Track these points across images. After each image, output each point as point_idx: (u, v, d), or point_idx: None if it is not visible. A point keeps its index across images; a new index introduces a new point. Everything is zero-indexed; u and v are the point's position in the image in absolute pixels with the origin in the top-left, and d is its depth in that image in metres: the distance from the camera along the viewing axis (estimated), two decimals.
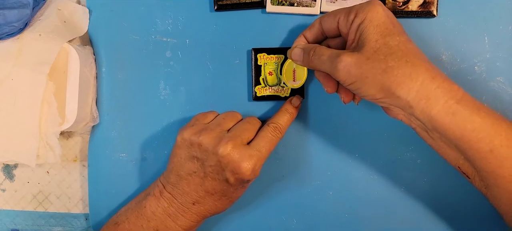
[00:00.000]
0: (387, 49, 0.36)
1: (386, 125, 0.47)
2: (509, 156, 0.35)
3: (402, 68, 0.35)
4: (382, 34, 0.36)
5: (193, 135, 0.43)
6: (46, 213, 0.54)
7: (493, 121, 0.35)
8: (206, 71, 0.49)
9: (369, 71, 0.36)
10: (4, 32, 0.45)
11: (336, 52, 0.38)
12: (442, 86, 0.35)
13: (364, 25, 0.37)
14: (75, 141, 0.53)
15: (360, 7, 0.38)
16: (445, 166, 0.43)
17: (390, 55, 0.35)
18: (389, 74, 0.35)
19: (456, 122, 0.35)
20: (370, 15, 0.37)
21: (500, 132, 0.35)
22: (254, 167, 0.41)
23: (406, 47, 0.36)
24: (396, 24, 0.38)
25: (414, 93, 0.35)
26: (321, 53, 0.40)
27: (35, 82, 0.45)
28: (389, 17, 0.37)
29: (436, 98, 0.35)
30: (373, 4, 0.38)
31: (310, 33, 0.43)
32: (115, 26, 0.50)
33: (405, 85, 0.35)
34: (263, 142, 0.43)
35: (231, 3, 0.48)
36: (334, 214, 0.49)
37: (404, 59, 0.35)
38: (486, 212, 0.46)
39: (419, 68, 0.35)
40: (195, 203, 0.44)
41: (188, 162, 0.44)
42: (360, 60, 0.36)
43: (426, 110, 0.35)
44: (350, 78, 0.37)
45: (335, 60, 0.38)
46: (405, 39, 0.37)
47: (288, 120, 0.45)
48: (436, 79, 0.35)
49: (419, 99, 0.35)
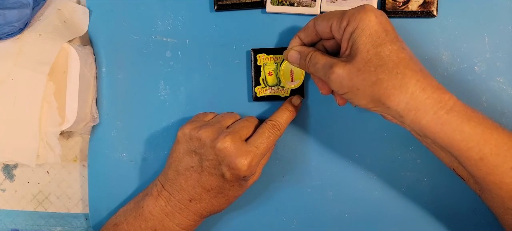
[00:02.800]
0: (378, 60, 0.36)
1: (386, 125, 0.47)
2: (498, 163, 0.36)
3: (392, 80, 0.35)
4: (374, 44, 0.36)
5: (192, 129, 0.44)
6: (46, 213, 0.54)
7: (483, 129, 0.35)
8: (206, 71, 0.49)
9: (360, 83, 0.36)
10: (4, 32, 0.45)
11: (329, 62, 0.39)
12: (432, 97, 0.35)
13: (356, 34, 0.37)
14: (75, 141, 0.53)
15: (352, 14, 0.38)
16: (445, 166, 0.43)
17: (381, 67, 0.36)
18: (379, 86, 0.36)
19: (446, 131, 0.35)
20: (362, 24, 0.37)
21: (490, 141, 0.35)
22: (251, 163, 0.42)
23: (397, 57, 0.36)
24: (389, 31, 0.37)
25: (403, 105, 0.35)
26: (315, 61, 0.40)
27: (35, 82, 0.45)
28: (381, 25, 0.37)
29: (425, 109, 0.35)
30: (366, 11, 0.37)
31: (305, 35, 0.43)
32: (115, 26, 0.50)
33: (395, 97, 0.35)
34: (261, 139, 0.43)
35: (231, 3, 0.48)
36: (334, 214, 0.49)
37: (395, 70, 0.36)
38: (486, 212, 0.46)
39: (409, 79, 0.35)
40: (191, 200, 0.44)
41: (186, 156, 0.44)
42: (351, 73, 0.37)
43: (416, 120, 0.36)
44: (342, 89, 0.38)
45: (328, 71, 0.38)
46: (397, 47, 0.36)
47: (287, 118, 0.45)
48: (426, 90, 0.35)
49: (409, 110, 0.36)
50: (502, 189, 0.37)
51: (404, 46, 0.37)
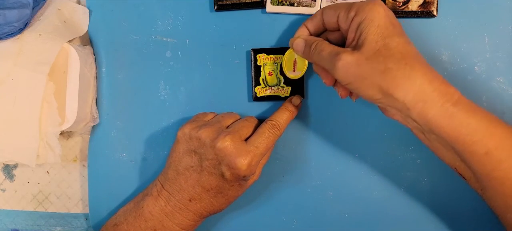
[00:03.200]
0: (387, 51, 0.36)
1: (386, 124, 0.47)
2: (503, 158, 0.36)
3: (401, 70, 0.35)
4: (382, 35, 0.36)
5: (192, 129, 0.44)
6: (46, 213, 0.54)
7: (488, 123, 0.36)
8: (206, 71, 0.49)
9: (367, 72, 0.36)
10: (4, 32, 0.45)
11: (336, 50, 0.38)
12: (439, 89, 0.35)
13: (364, 24, 0.37)
14: (75, 141, 0.53)
15: (360, 5, 0.38)
16: (445, 166, 0.43)
17: (389, 57, 0.36)
18: (387, 76, 0.35)
19: (452, 124, 0.35)
20: (371, 14, 0.37)
21: (495, 135, 0.35)
22: (250, 163, 0.42)
23: (405, 49, 0.36)
24: (396, 25, 0.38)
25: (411, 96, 0.35)
26: (321, 48, 0.40)
27: (35, 82, 0.45)
28: (389, 18, 0.37)
29: (433, 101, 0.35)
30: (374, 3, 0.38)
31: (312, 24, 0.43)
32: (115, 26, 0.50)
33: (403, 87, 0.35)
34: (261, 139, 0.43)
35: (231, 3, 0.48)
36: (334, 214, 0.49)
37: (403, 61, 0.35)
38: (486, 212, 0.46)
39: (417, 71, 0.35)
40: (191, 200, 0.44)
41: (186, 156, 0.44)
42: (360, 60, 0.36)
43: (423, 113, 0.35)
44: (348, 78, 0.37)
45: (334, 58, 0.38)
46: (404, 40, 0.37)
47: (287, 118, 0.45)
48: (433, 82, 0.35)
49: (416, 102, 0.35)
50: (505, 185, 0.36)
51: (410, 41, 0.38)
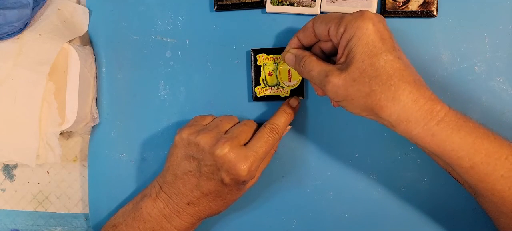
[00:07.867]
0: (373, 71, 0.36)
1: None
2: (489, 172, 0.36)
3: (385, 92, 0.36)
4: (369, 54, 0.37)
5: (190, 134, 0.43)
6: (46, 213, 0.54)
7: (474, 139, 0.36)
8: (206, 71, 0.49)
9: (354, 93, 0.37)
10: (4, 32, 0.45)
11: (325, 70, 0.39)
12: (424, 108, 0.36)
13: (352, 43, 0.37)
14: (75, 141, 0.53)
15: (349, 21, 0.38)
16: None
17: (375, 79, 0.36)
18: (372, 98, 0.37)
19: (435, 142, 0.36)
20: (359, 32, 0.37)
21: (481, 150, 0.36)
22: (250, 168, 0.42)
23: (392, 67, 0.36)
24: (386, 40, 0.37)
25: (395, 116, 0.36)
26: (310, 68, 0.41)
27: (35, 82, 0.45)
28: (379, 33, 0.37)
29: (416, 121, 0.36)
30: (363, 19, 0.37)
31: (304, 35, 0.43)
32: (115, 26, 0.50)
33: (387, 109, 0.36)
34: (260, 143, 0.43)
35: (231, 3, 0.48)
36: (334, 214, 0.49)
37: (388, 82, 0.36)
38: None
39: (402, 92, 0.36)
40: (189, 204, 0.44)
41: (184, 161, 0.44)
42: (347, 83, 0.37)
43: (407, 131, 0.37)
44: (337, 97, 0.39)
45: (324, 80, 0.39)
46: (393, 57, 0.37)
47: (285, 121, 0.45)
48: (418, 102, 0.36)
49: (400, 121, 0.36)
50: (494, 195, 0.37)
51: (400, 56, 0.37)
